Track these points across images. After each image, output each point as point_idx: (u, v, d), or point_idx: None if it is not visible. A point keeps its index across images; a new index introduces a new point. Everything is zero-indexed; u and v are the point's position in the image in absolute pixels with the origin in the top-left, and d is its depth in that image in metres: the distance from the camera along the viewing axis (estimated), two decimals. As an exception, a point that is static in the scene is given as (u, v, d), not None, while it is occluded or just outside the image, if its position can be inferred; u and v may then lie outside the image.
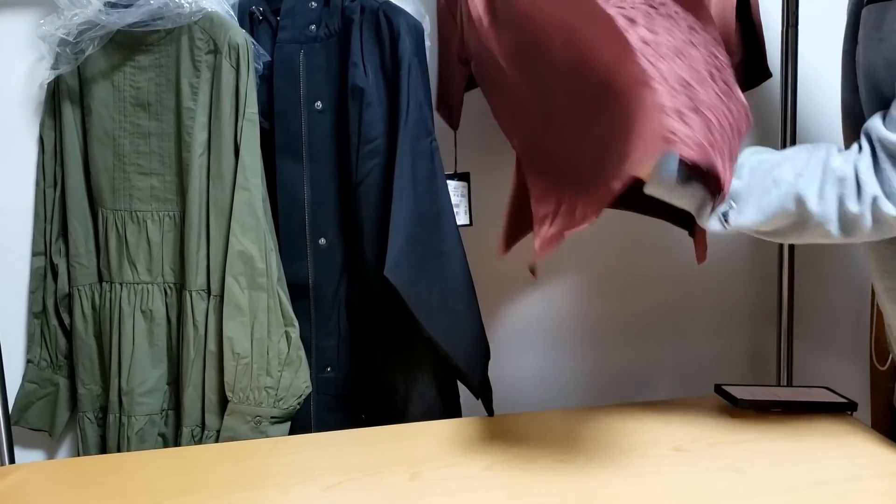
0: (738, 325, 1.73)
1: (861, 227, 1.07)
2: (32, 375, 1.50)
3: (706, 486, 1.14)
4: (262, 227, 1.35)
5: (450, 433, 1.33)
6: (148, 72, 1.38)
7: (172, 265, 1.41)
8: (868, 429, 1.29)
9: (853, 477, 1.16)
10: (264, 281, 1.35)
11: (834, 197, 1.07)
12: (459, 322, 1.41)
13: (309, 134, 1.42)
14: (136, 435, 1.41)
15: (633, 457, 1.22)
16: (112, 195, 1.41)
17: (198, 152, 1.36)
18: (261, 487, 1.17)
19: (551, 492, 1.13)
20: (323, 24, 1.41)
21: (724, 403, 1.36)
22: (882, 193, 1.04)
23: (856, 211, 1.06)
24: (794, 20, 1.54)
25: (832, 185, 1.07)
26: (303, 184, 1.43)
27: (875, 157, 1.05)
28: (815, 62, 1.65)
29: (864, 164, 1.06)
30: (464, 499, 1.12)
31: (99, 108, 1.40)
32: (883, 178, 1.04)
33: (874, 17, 1.09)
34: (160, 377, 1.43)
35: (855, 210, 1.06)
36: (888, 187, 1.04)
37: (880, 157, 1.05)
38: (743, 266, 1.72)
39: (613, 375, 1.65)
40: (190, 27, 1.35)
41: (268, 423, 1.38)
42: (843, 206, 1.06)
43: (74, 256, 1.44)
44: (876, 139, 1.05)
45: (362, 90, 1.37)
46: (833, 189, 1.07)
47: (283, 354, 1.37)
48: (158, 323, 1.42)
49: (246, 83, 1.34)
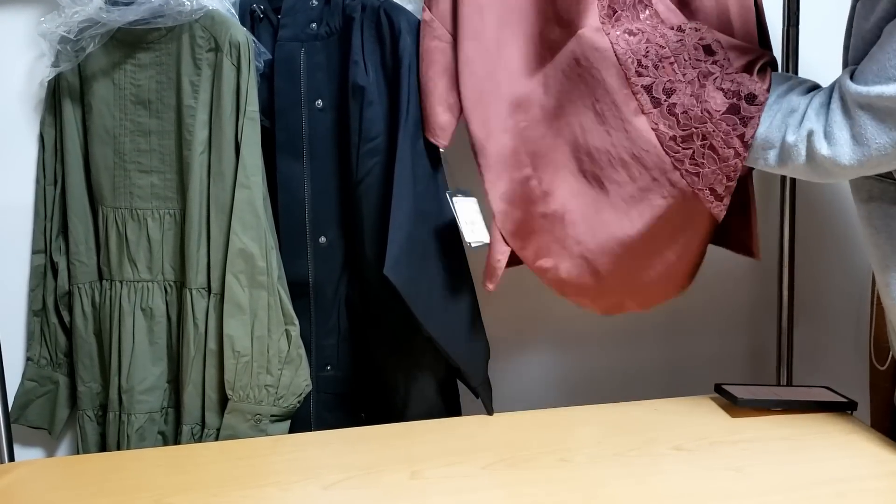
0: (739, 324, 1.73)
1: (794, 159, 1.13)
2: (32, 373, 1.50)
3: (706, 485, 1.14)
4: (262, 226, 1.35)
5: (450, 432, 1.33)
6: (149, 70, 1.38)
7: (173, 263, 1.41)
8: (868, 428, 1.30)
9: (853, 476, 1.16)
10: (265, 279, 1.35)
11: (781, 126, 1.14)
12: (459, 321, 1.41)
13: (309, 132, 1.42)
14: (136, 433, 1.41)
15: (634, 455, 1.22)
16: (112, 193, 1.41)
17: (198, 150, 1.36)
18: (261, 486, 1.17)
19: (551, 490, 1.13)
20: (324, 22, 1.41)
21: (725, 403, 1.36)
22: (821, 131, 1.10)
23: (791, 141, 1.13)
24: (795, 19, 1.54)
25: (783, 114, 1.15)
26: (303, 182, 1.43)
27: (829, 98, 1.12)
28: (815, 61, 1.64)
29: (817, 101, 1.13)
30: (464, 497, 1.13)
31: (99, 106, 1.40)
32: (828, 117, 1.10)
33: (866, 9, 1.12)
34: (160, 375, 1.43)
35: (791, 140, 1.13)
36: (829, 127, 1.10)
37: (834, 97, 1.11)
38: (743, 265, 1.72)
39: (613, 374, 1.65)
40: (191, 25, 1.35)
41: (268, 422, 1.38)
42: (785, 136, 1.14)
43: (74, 254, 1.44)
44: (838, 84, 1.12)
45: (363, 88, 1.37)
46: (783, 119, 1.15)
47: (284, 353, 1.37)
48: (158, 321, 1.42)
49: (247, 81, 1.33)
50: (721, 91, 1.20)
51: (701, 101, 1.21)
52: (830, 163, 1.10)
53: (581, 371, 1.61)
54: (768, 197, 1.70)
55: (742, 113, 1.19)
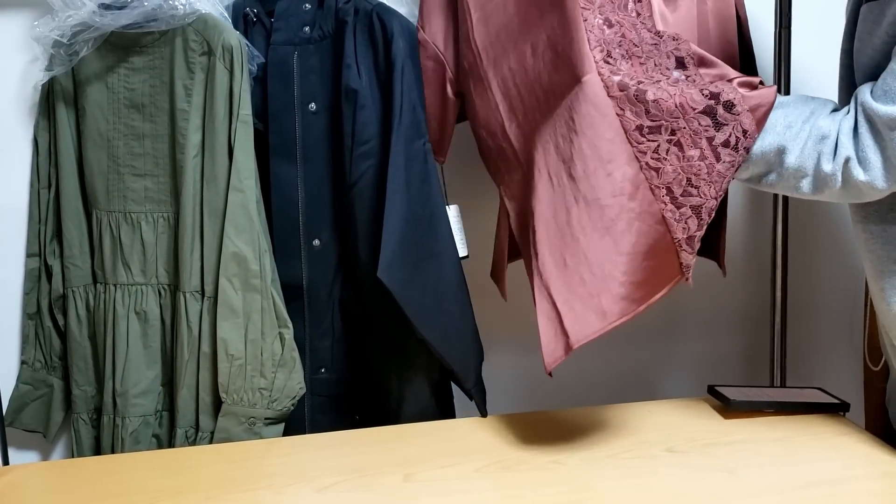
0: (732, 325, 1.73)
1: (831, 186, 1.10)
2: (27, 377, 1.50)
3: (699, 487, 1.14)
4: (255, 229, 1.35)
5: (443, 434, 1.33)
6: (142, 73, 1.38)
7: (166, 266, 1.41)
8: (860, 429, 1.30)
9: (845, 477, 1.16)
10: (258, 282, 1.35)
11: (814, 154, 1.10)
12: (453, 323, 1.41)
13: (303, 135, 1.42)
14: (131, 436, 1.41)
15: (627, 457, 1.22)
16: (106, 196, 1.41)
17: (192, 154, 1.36)
18: (255, 489, 1.17)
19: (545, 493, 1.13)
20: (317, 25, 1.41)
21: (718, 404, 1.37)
22: (855, 157, 1.07)
23: (828, 170, 1.09)
24: (787, 21, 1.55)
25: (814, 142, 1.10)
26: (297, 185, 1.43)
27: (856, 121, 1.08)
28: (808, 64, 1.65)
29: (846, 125, 1.09)
30: (457, 500, 1.13)
31: (93, 110, 1.40)
32: (858, 141, 1.07)
33: (874, 14, 1.10)
34: (154, 378, 1.43)
35: (828, 169, 1.09)
36: (861, 152, 1.07)
37: (859, 120, 1.08)
38: (736, 267, 1.72)
39: (606, 376, 1.66)
40: (184, 29, 1.35)
41: (262, 425, 1.38)
42: (819, 165, 1.09)
43: (69, 257, 1.44)
44: (860, 103, 1.08)
45: (356, 92, 1.37)
46: (814, 146, 1.10)
47: (277, 356, 1.37)
48: (152, 324, 1.42)
49: (240, 85, 1.34)
50: (700, 91, 1.17)
51: (676, 95, 1.18)
52: (867, 187, 1.08)
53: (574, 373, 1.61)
54: (761, 198, 1.70)
55: (718, 118, 1.15)
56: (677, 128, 1.16)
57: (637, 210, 1.17)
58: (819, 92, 1.65)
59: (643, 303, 1.17)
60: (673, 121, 1.16)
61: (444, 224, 1.39)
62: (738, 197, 1.70)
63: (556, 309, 1.21)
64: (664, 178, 1.18)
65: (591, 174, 1.18)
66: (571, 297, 1.19)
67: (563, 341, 1.20)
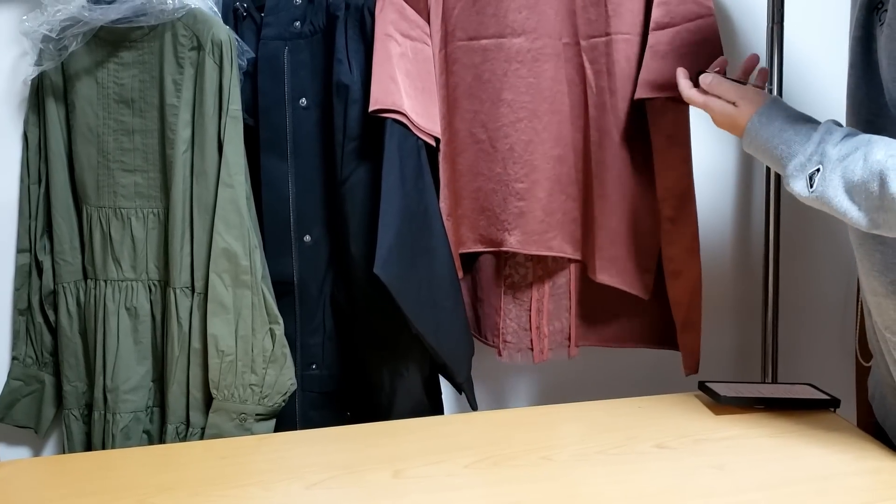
0: (723, 321, 1.73)
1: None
2: (18, 373, 1.50)
3: (689, 483, 1.14)
4: (245, 225, 1.35)
5: (433, 430, 1.33)
6: (131, 68, 1.38)
7: (157, 262, 1.41)
8: (850, 425, 1.30)
9: (835, 473, 1.16)
10: (248, 278, 1.34)
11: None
12: (446, 318, 1.41)
13: (293, 131, 1.42)
14: (121, 432, 1.41)
15: (616, 453, 1.22)
16: (96, 192, 1.41)
17: (181, 149, 1.36)
18: (244, 485, 1.17)
19: (534, 489, 1.13)
20: (307, 20, 1.41)
21: (708, 400, 1.36)
22: None
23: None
24: (780, 17, 1.55)
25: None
26: (287, 181, 1.43)
27: None
28: (800, 58, 1.65)
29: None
30: (446, 496, 1.13)
31: (83, 105, 1.40)
32: None
33: None
34: (145, 374, 1.43)
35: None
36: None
37: None
38: (728, 262, 1.72)
39: (596, 372, 1.66)
40: (173, 24, 1.35)
41: (253, 421, 1.38)
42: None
43: (59, 253, 1.44)
44: None
45: (347, 87, 1.37)
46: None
47: (268, 352, 1.37)
48: (143, 320, 1.42)
49: (229, 80, 1.33)
50: None
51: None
52: None
53: (564, 368, 1.61)
54: (752, 195, 1.71)
55: None
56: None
57: None
58: (811, 86, 1.66)
59: None
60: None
61: (437, 220, 1.39)
62: (728, 194, 1.70)
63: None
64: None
65: None
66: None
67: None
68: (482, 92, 1.44)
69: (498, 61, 1.42)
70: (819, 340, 1.77)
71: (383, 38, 1.32)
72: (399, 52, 1.33)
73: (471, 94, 1.44)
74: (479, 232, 1.49)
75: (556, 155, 1.46)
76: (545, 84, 1.43)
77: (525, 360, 1.54)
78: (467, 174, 1.47)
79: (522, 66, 1.42)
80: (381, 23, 1.33)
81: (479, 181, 1.47)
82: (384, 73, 1.31)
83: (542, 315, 1.52)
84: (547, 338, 1.53)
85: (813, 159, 1.09)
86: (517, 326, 1.53)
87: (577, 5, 1.42)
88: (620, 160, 1.44)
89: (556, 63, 1.43)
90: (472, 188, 1.47)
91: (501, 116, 1.43)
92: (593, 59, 1.43)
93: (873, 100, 1.12)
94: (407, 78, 1.33)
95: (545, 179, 1.45)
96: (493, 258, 1.53)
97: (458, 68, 1.43)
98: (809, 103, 1.66)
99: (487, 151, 1.45)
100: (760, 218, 1.65)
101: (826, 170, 1.08)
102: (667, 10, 1.37)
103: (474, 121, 1.45)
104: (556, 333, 1.55)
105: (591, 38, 1.43)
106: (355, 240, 1.40)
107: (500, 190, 1.46)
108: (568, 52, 1.44)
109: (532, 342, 1.53)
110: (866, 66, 1.14)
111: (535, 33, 1.41)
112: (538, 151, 1.44)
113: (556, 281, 1.53)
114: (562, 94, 1.45)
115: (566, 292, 1.53)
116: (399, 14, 1.35)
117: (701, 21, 1.38)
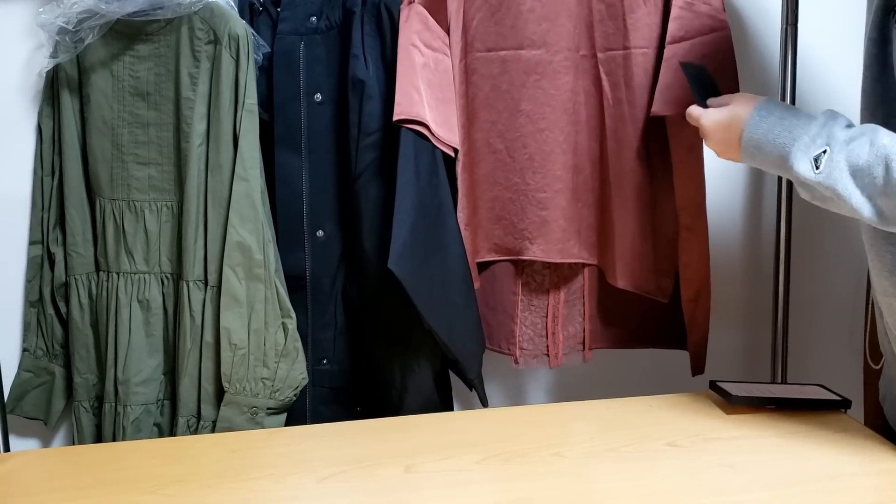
0: (734, 321, 1.73)
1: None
2: (28, 364, 1.50)
3: (699, 481, 1.14)
4: (259, 219, 1.35)
5: (444, 426, 1.33)
6: (147, 61, 1.38)
7: (170, 255, 1.41)
8: (861, 426, 1.30)
9: (845, 473, 1.16)
10: (262, 272, 1.35)
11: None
12: (458, 314, 1.41)
13: (308, 126, 1.42)
14: (132, 424, 1.41)
15: (628, 451, 1.22)
16: (110, 184, 1.41)
17: (196, 143, 1.36)
18: (255, 478, 1.17)
19: (545, 485, 1.13)
20: (324, 15, 1.41)
21: (719, 399, 1.37)
22: None
23: None
24: (794, 18, 1.54)
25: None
26: (301, 176, 1.43)
27: None
28: (815, 60, 1.65)
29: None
30: (458, 491, 1.13)
31: (98, 98, 1.40)
32: None
33: None
34: (156, 367, 1.44)
35: None
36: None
37: None
38: (739, 263, 1.72)
39: (608, 370, 1.66)
40: (190, 17, 1.35)
41: (264, 414, 1.38)
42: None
43: (71, 245, 1.44)
44: None
45: (363, 82, 1.37)
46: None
47: (280, 346, 1.37)
48: (155, 313, 1.42)
49: (245, 74, 1.34)
50: None
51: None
52: None
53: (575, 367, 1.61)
54: (764, 195, 1.70)
55: None
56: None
57: None
58: (826, 88, 1.66)
59: None
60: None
61: (451, 216, 1.39)
62: (739, 194, 1.70)
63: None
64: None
65: None
66: None
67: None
68: (500, 102, 1.44)
69: (516, 72, 1.43)
70: (829, 341, 1.77)
71: (408, 48, 1.33)
72: (422, 63, 1.34)
73: (488, 104, 1.45)
74: (493, 241, 1.49)
75: (574, 164, 1.47)
76: (565, 95, 1.44)
77: (541, 366, 1.54)
78: (484, 184, 1.48)
79: (542, 78, 1.43)
80: (406, 32, 1.34)
81: (495, 191, 1.48)
82: (408, 83, 1.32)
83: (558, 321, 1.53)
84: (562, 343, 1.54)
85: (818, 141, 1.09)
86: (533, 333, 1.54)
87: (594, 19, 1.43)
88: (640, 170, 1.45)
89: (575, 75, 1.44)
90: (489, 197, 1.48)
91: (519, 127, 1.44)
92: (610, 70, 1.44)
93: (888, 102, 1.12)
94: (429, 88, 1.34)
95: (566, 189, 1.47)
96: (509, 267, 1.54)
97: (477, 79, 1.44)
98: (823, 105, 1.66)
99: (505, 161, 1.46)
100: (771, 218, 1.65)
101: (833, 151, 1.07)
102: (682, 24, 1.39)
103: (492, 131, 1.46)
104: (570, 338, 1.55)
105: (609, 51, 1.44)
106: (368, 235, 1.40)
107: (517, 199, 1.47)
108: (585, 63, 1.45)
109: (548, 348, 1.54)
110: (882, 68, 1.14)
111: (556, 46, 1.42)
112: (559, 161, 1.45)
113: (570, 287, 1.53)
114: (579, 105, 1.46)
115: (580, 297, 1.54)
116: (423, 24, 1.36)
117: (716, 35, 1.39)
